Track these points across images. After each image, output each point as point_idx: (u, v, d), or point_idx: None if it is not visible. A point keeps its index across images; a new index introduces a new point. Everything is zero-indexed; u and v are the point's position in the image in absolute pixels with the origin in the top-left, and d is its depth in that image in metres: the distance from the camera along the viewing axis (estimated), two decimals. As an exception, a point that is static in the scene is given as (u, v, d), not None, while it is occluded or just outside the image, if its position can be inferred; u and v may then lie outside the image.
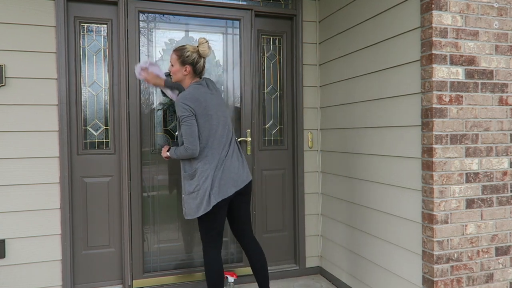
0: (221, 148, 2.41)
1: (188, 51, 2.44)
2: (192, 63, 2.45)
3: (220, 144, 2.41)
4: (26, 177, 2.75)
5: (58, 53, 2.80)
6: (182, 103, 2.32)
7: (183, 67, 2.46)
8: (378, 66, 2.63)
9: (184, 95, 2.35)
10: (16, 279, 2.74)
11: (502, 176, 2.30)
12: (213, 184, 2.35)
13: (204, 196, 2.33)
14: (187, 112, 2.32)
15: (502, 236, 2.30)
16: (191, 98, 2.34)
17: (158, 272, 3.09)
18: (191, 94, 2.36)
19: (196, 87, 2.41)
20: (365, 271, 2.82)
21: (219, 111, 2.44)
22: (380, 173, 2.63)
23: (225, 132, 2.44)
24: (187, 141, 2.32)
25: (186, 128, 2.32)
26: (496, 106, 2.28)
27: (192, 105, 2.33)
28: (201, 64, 2.48)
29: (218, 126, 2.42)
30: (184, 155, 2.35)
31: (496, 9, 2.27)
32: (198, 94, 2.38)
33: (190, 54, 2.44)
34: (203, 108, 2.36)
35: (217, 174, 2.37)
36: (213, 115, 2.40)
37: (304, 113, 3.40)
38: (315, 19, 3.42)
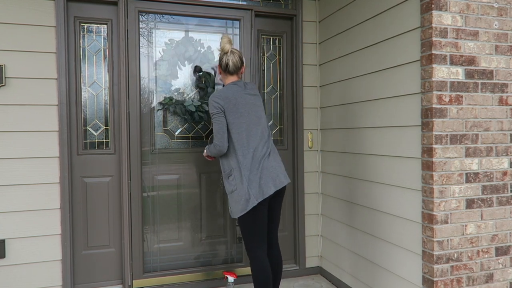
0: (256, 147, 2.40)
1: (219, 51, 2.52)
2: (220, 63, 2.52)
3: (255, 143, 2.40)
4: (26, 177, 2.75)
5: (58, 53, 2.80)
6: (212, 100, 2.41)
7: (219, 68, 2.56)
8: (378, 66, 2.63)
9: (214, 93, 2.44)
10: (16, 279, 2.75)
11: (502, 176, 2.30)
12: (252, 184, 2.35)
13: (243, 196, 2.35)
14: (215, 109, 2.39)
15: (502, 236, 2.30)
16: (220, 95, 2.41)
17: (158, 272, 3.09)
18: (221, 92, 2.43)
19: (229, 86, 2.48)
20: (365, 271, 2.82)
21: (251, 111, 2.45)
22: (380, 173, 2.63)
23: (259, 131, 2.43)
24: (216, 137, 2.40)
25: (215, 125, 2.40)
26: (496, 106, 2.28)
27: (221, 102, 2.39)
28: (225, 61, 2.48)
29: (250, 125, 2.42)
30: (213, 151, 2.44)
31: (496, 9, 2.27)
32: (228, 92, 2.43)
33: (220, 55, 2.51)
34: (232, 105, 2.39)
35: (256, 173, 2.36)
36: (244, 113, 2.41)
37: (304, 113, 3.40)
38: (315, 19, 3.42)
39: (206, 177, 3.21)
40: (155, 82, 3.10)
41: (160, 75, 3.11)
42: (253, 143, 2.40)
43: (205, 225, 3.23)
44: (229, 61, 2.47)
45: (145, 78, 3.07)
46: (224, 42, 2.48)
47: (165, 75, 3.12)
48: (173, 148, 3.15)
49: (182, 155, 3.16)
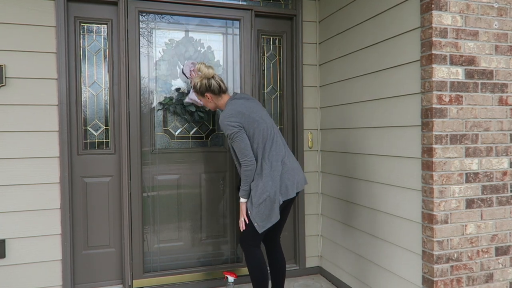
0: (278, 149, 2.46)
1: (197, 82, 2.53)
2: (207, 89, 2.52)
3: (277, 146, 2.47)
4: (26, 177, 2.75)
5: (58, 53, 2.80)
6: (227, 121, 2.38)
7: (205, 97, 2.57)
8: (378, 66, 2.63)
9: (225, 114, 2.41)
10: (16, 279, 2.75)
11: (502, 176, 2.30)
12: (281, 185, 2.41)
13: (275, 201, 2.38)
14: (236, 128, 2.37)
15: (502, 236, 2.30)
16: (232, 113, 2.39)
17: (158, 272, 3.09)
18: (231, 110, 2.41)
19: (232, 103, 2.47)
20: (365, 271, 2.82)
21: (263, 115, 2.49)
22: (380, 173, 2.63)
23: (276, 133, 2.50)
24: (243, 156, 2.38)
25: (240, 144, 2.37)
26: (496, 106, 2.28)
27: (237, 119, 2.38)
28: (215, 83, 2.52)
29: (268, 129, 2.46)
30: (249, 175, 2.39)
31: (496, 9, 2.27)
32: (237, 107, 2.43)
33: (199, 83, 2.52)
34: (247, 117, 2.41)
35: (282, 175, 2.42)
36: (259, 120, 2.45)
37: (304, 113, 3.40)
38: (315, 19, 3.42)
39: (206, 177, 3.21)
40: (155, 82, 3.10)
41: (160, 75, 3.11)
42: (276, 146, 2.47)
43: (205, 225, 3.23)
44: (219, 82, 2.53)
45: (145, 78, 3.07)
46: (205, 68, 2.50)
47: (165, 75, 3.12)
48: (173, 148, 3.15)
49: (182, 155, 3.16)
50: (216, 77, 2.54)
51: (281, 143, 2.51)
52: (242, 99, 2.52)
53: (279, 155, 2.45)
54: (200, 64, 2.54)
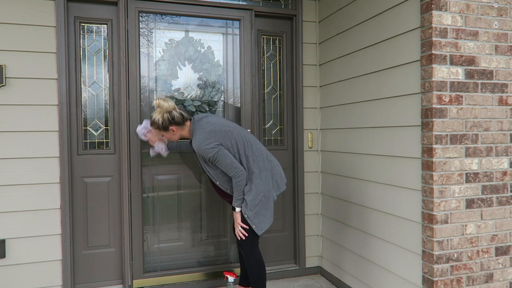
0: (260, 149, 2.53)
1: (158, 118, 2.47)
2: (171, 122, 2.47)
3: (257, 146, 2.53)
4: (27, 177, 2.75)
5: (58, 53, 2.80)
6: (205, 146, 2.38)
7: (170, 131, 2.52)
8: (378, 66, 2.63)
9: (199, 140, 2.40)
10: (16, 279, 2.75)
11: (502, 176, 2.30)
12: (273, 182, 2.55)
13: (269, 198, 2.50)
14: (215, 149, 2.37)
15: (502, 236, 2.30)
16: (205, 136, 2.40)
17: (158, 272, 3.09)
18: (202, 133, 2.41)
19: (198, 127, 2.47)
20: (365, 271, 2.82)
21: (230, 124, 2.53)
22: (380, 173, 2.63)
23: (247, 135, 2.55)
24: (232, 169, 2.41)
25: (224, 160, 2.39)
26: (496, 106, 2.28)
27: (213, 139, 2.39)
28: (177, 114, 2.48)
29: (240, 134, 2.50)
30: (242, 184, 2.43)
31: (496, 9, 2.27)
32: (206, 128, 2.43)
33: (161, 118, 2.46)
34: (219, 132, 2.43)
35: (272, 171, 2.55)
36: (231, 130, 2.48)
37: (304, 113, 3.40)
38: (315, 19, 3.42)
39: (206, 177, 3.21)
40: (155, 82, 3.10)
41: (160, 75, 3.11)
42: (256, 147, 2.53)
43: (205, 225, 3.23)
44: (180, 111, 2.50)
45: (145, 78, 3.07)
46: (164, 102, 2.44)
47: (165, 75, 3.12)
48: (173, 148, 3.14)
49: (182, 155, 3.16)
50: (176, 108, 2.50)
51: (258, 143, 2.57)
52: (203, 118, 2.52)
53: (263, 154, 2.54)
54: (158, 100, 2.45)
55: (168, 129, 2.50)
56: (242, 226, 2.48)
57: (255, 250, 2.54)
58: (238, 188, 2.44)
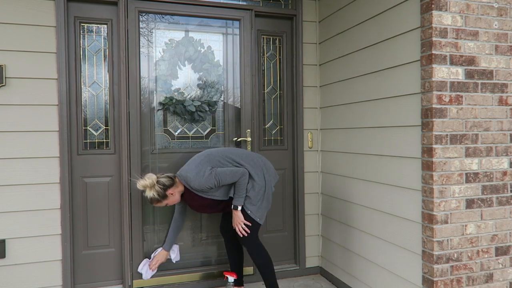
0: (242, 150, 2.73)
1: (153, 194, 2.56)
2: (165, 189, 2.57)
3: (239, 149, 2.73)
4: (27, 177, 2.75)
5: (58, 53, 2.80)
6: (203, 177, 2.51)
7: (169, 196, 2.61)
8: (378, 66, 2.63)
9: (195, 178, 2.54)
10: (16, 279, 2.75)
11: (502, 176, 2.30)
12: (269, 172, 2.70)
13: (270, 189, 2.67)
14: (212, 172, 2.52)
15: (502, 236, 2.30)
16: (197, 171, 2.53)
17: (158, 272, 3.08)
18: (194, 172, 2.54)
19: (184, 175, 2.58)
20: (365, 271, 2.82)
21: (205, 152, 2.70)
22: (380, 173, 2.63)
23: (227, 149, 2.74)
24: (236, 174, 2.54)
25: (225, 176, 2.54)
26: (496, 106, 2.28)
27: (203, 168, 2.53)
28: (162, 180, 2.59)
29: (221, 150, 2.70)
30: (245, 181, 2.56)
31: (496, 9, 2.27)
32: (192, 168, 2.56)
33: (155, 193, 2.57)
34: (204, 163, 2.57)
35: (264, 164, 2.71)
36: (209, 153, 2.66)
37: (304, 113, 3.40)
38: (315, 19, 3.42)
39: (206, 177, 3.21)
40: (155, 82, 3.10)
41: (160, 75, 3.11)
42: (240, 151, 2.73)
43: (205, 225, 3.23)
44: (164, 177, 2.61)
45: (145, 78, 3.07)
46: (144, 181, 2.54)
47: (165, 75, 3.12)
48: (173, 148, 3.15)
49: (182, 155, 3.16)
50: (159, 176, 2.61)
51: (239, 150, 2.75)
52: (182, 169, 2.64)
53: (248, 153, 2.72)
54: (138, 182, 2.57)
55: (167, 196, 2.60)
56: (245, 223, 2.60)
57: (258, 242, 2.66)
58: (243, 186, 2.56)
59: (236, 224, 2.60)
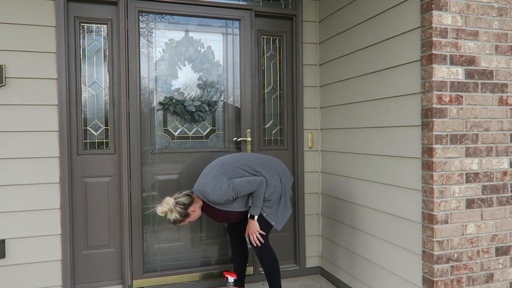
0: (255, 155, 2.69)
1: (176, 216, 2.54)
2: (185, 208, 2.54)
3: (251, 154, 2.71)
4: (26, 177, 2.75)
5: (58, 53, 2.80)
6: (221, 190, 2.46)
7: (191, 214, 2.58)
8: (378, 66, 2.63)
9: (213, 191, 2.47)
10: (16, 279, 2.74)
11: (502, 176, 2.30)
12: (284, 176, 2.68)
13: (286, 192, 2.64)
14: (230, 185, 2.47)
15: (502, 236, 2.30)
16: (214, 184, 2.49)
17: (158, 272, 3.09)
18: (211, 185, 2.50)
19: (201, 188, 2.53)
20: (365, 271, 2.82)
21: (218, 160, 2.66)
22: (380, 173, 2.63)
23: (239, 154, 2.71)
24: (254, 183, 2.50)
25: (243, 187, 2.48)
26: (496, 106, 2.28)
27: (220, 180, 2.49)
28: (182, 199, 2.56)
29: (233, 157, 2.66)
30: (262, 191, 2.52)
31: (496, 9, 2.27)
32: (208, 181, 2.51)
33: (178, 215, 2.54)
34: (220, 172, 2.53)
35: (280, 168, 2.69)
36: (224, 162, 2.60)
37: (304, 113, 3.40)
38: (315, 19, 3.42)
39: (206, 177, 3.21)
40: (155, 82, 3.10)
41: (160, 75, 3.11)
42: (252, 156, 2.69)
43: (205, 225, 3.23)
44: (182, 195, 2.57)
45: (145, 78, 3.07)
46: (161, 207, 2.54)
47: (165, 75, 3.12)
48: (173, 148, 3.15)
49: (182, 155, 3.16)
50: (177, 197, 2.57)
51: (252, 156, 2.70)
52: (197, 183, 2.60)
53: (262, 158, 2.68)
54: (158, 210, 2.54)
55: (189, 214, 2.57)
56: (260, 233, 2.59)
57: (266, 243, 2.64)
58: (260, 195, 2.53)
59: (251, 233, 2.59)
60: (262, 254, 2.64)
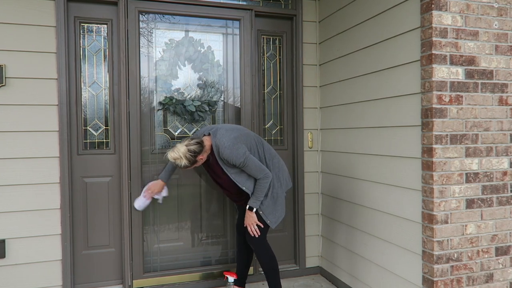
0: (270, 149, 2.69)
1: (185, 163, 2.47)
2: (195, 156, 2.48)
3: (267, 147, 2.69)
4: (26, 177, 2.75)
5: (58, 53, 2.80)
6: (235, 152, 2.44)
7: (198, 161, 2.53)
8: (378, 66, 2.63)
9: (229, 148, 2.45)
10: (16, 279, 2.74)
11: (502, 176, 2.30)
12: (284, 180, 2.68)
13: (283, 196, 2.65)
14: (246, 154, 2.46)
15: (502, 236, 2.30)
16: (234, 142, 2.46)
17: (158, 272, 3.09)
18: (229, 141, 2.46)
19: (219, 137, 2.50)
20: (365, 271, 2.82)
21: (243, 128, 2.65)
22: (380, 173, 2.63)
23: (259, 137, 2.69)
24: (261, 170, 2.51)
25: (253, 163, 2.49)
26: (496, 106, 2.28)
27: (240, 144, 2.48)
28: (193, 147, 2.48)
29: (256, 136, 2.66)
30: (266, 186, 2.53)
31: (496, 9, 2.27)
32: (229, 135, 2.50)
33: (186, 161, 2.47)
34: (241, 136, 2.54)
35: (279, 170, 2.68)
36: (247, 133, 2.60)
37: (304, 113, 3.40)
38: (315, 19, 3.42)
39: (206, 177, 3.21)
40: (155, 82, 3.10)
41: (160, 75, 3.11)
42: (267, 147, 2.68)
43: (205, 225, 3.23)
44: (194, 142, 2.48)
45: (145, 78, 3.07)
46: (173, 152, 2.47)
47: (165, 75, 3.12)
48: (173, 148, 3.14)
49: (182, 155, 3.15)
50: (188, 143, 2.48)
51: (267, 144, 2.71)
52: (218, 131, 2.55)
53: (273, 153, 2.70)
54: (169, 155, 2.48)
55: (197, 161, 2.55)
56: (258, 224, 2.60)
57: (264, 242, 2.65)
58: (263, 189, 2.53)
59: (248, 224, 2.60)
60: (259, 253, 2.65)
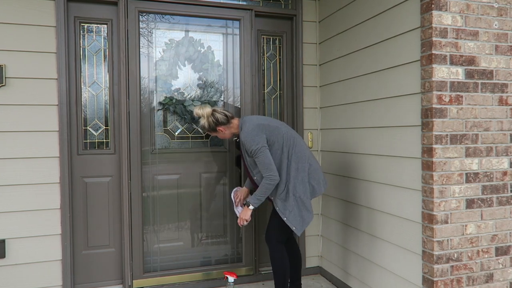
0: (303, 151, 2.55)
1: (204, 123, 2.56)
2: (216, 123, 2.55)
3: (301, 147, 2.56)
4: (26, 177, 2.75)
5: (58, 53, 2.80)
6: (251, 137, 2.42)
7: (219, 131, 2.58)
8: (378, 66, 2.63)
9: (247, 130, 2.45)
10: (16, 279, 2.75)
11: (502, 176, 2.30)
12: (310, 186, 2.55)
13: (305, 201, 2.51)
14: (259, 144, 2.42)
15: (502, 236, 2.30)
16: (254, 128, 2.45)
17: (158, 272, 3.09)
18: (251, 125, 2.46)
19: (247, 120, 2.53)
20: (365, 271, 2.82)
21: (278, 122, 2.58)
22: (380, 173, 2.63)
23: (294, 136, 2.58)
24: (268, 170, 2.43)
25: (264, 159, 2.43)
26: (496, 106, 2.28)
27: (260, 132, 2.45)
28: (219, 115, 2.55)
29: (287, 133, 2.55)
30: (270, 189, 2.46)
31: (496, 9, 2.27)
32: (255, 121, 2.50)
33: (206, 123, 2.56)
34: (267, 127, 2.49)
35: (309, 175, 2.54)
36: (279, 126, 2.54)
37: (304, 113, 3.40)
38: (315, 19, 3.42)
39: (206, 177, 3.21)
40: (155, 82, 3.10)
41: (160, 75, 3.11)
42: (299, 148, 2.55)
43: (205, 225, 3.23)
44: (223, 112, 2.57)
45: (145, 78, 3.07)
46: (200, 110, 2.54)
47: (165, 75, 3.13)
48: (173, 148, 3.15)
49: (182, 155, 3.16)
50: (217, 110, 2.57)
51: (304, 145, 2.60)
52: (252, 116, 2.60)
53: (305, 156, 2.55)
54: (195, 110, 2.57)
55: (216, 130, 2.58)
56: (247, 220, 2.58)
57: (281, 246, 2.60)
58: (265, 190, 2.47)
59: (240, 218, 2.59)
60: (272, 251, 2.61)
